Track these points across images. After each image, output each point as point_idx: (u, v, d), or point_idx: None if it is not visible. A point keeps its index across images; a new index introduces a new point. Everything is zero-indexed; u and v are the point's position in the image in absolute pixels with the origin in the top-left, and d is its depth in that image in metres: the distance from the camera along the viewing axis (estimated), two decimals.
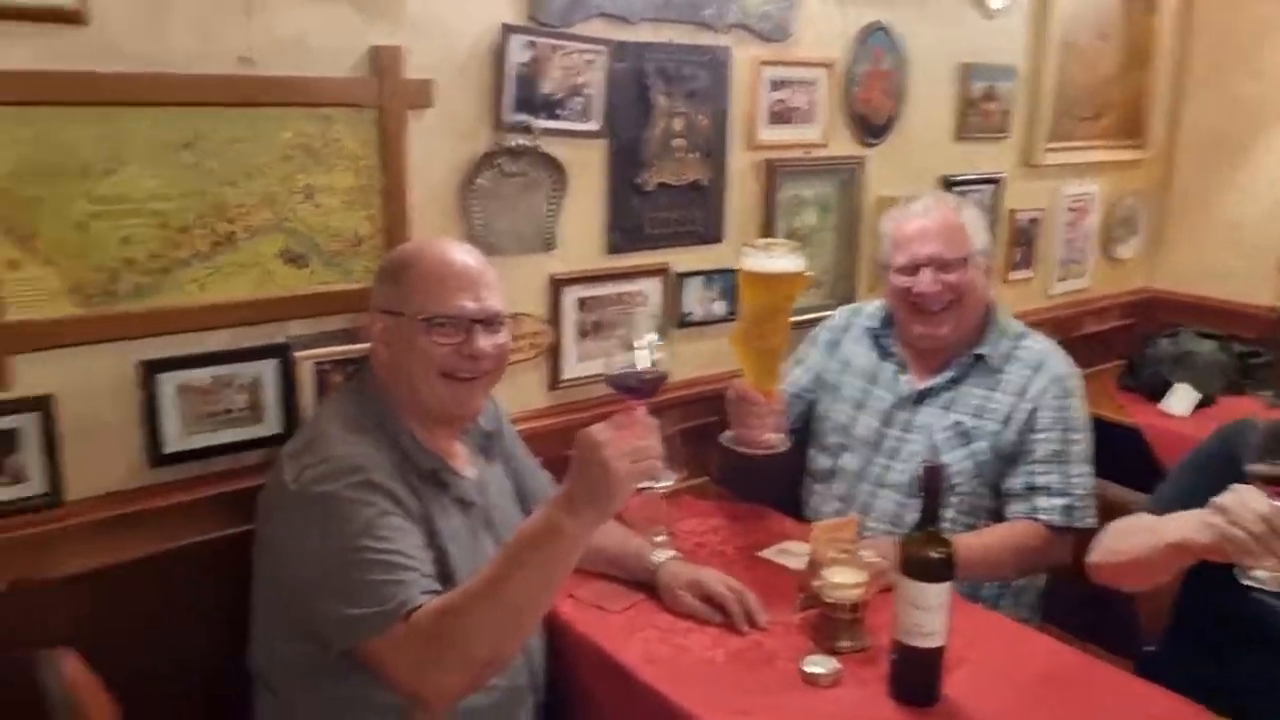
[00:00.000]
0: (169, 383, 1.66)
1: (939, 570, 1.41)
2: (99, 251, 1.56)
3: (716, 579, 1.71)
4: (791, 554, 1.89)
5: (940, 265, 1.99)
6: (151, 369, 1.64)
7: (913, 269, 2.02)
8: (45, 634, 1.55)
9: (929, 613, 1.41)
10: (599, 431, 1.31)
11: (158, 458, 1.67)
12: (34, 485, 1.56)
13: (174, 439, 1.68)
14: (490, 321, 1.57)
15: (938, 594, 1.41)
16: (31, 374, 1.54)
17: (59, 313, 1.55)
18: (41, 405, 1.55)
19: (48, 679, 1.51)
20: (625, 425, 1.35)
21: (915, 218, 2.07)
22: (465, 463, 1.66)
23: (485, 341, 1.55)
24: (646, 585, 1.75)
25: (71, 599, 1.59)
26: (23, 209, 1.49)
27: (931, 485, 1.45)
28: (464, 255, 1.59)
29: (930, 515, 1.44)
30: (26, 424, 1.54)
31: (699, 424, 2.19)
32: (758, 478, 2.09)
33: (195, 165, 1.62)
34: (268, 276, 1.73)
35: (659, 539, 1.84)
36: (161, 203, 1.60)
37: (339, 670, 1.42)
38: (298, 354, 1.77)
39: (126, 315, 1.60)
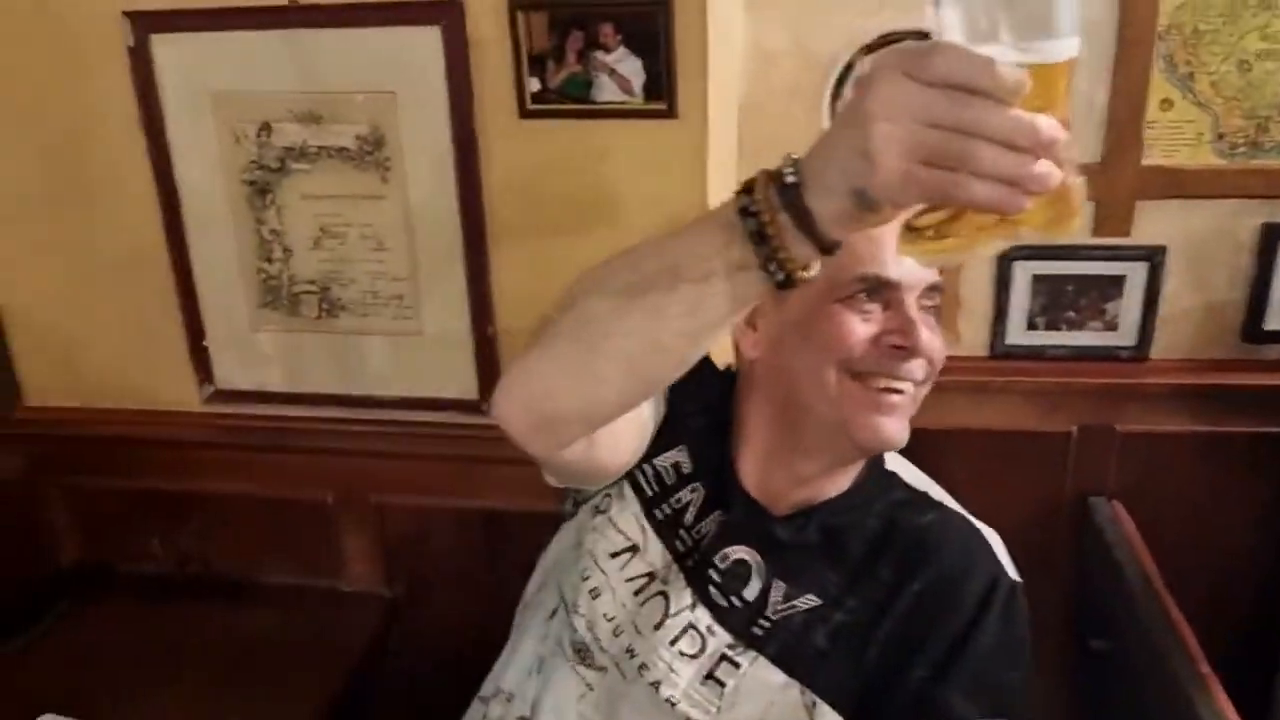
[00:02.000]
0: None
1: None
2: (1256, 97, 1.40)
3: None
4: None
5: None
6: (1273, 234, 1.46)
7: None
8: (1101, 482, 1.56)
9: None
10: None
11: (1253, 332, 1.51)
12: (1124, 335, 1.53)
13: (1277, 315, 1.50)
14: None
15: None
16: (1150, 222, 1.48)
17: (1196, 161, 1.44)
18: (1153, 256, 1.48)
19: (1102, 523, 1.54)
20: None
21: None
22: None
23: None
24: None
25: (1125, 455, 1.55)
26: (1190, 44, 1.39)
27: None
28: None
29: None
30: (1134, 273, 1.49)
31: None
32: None
33: None
34: None
35: None
36: None
37: None
38: None
39: (1264, 171, 1.43)
